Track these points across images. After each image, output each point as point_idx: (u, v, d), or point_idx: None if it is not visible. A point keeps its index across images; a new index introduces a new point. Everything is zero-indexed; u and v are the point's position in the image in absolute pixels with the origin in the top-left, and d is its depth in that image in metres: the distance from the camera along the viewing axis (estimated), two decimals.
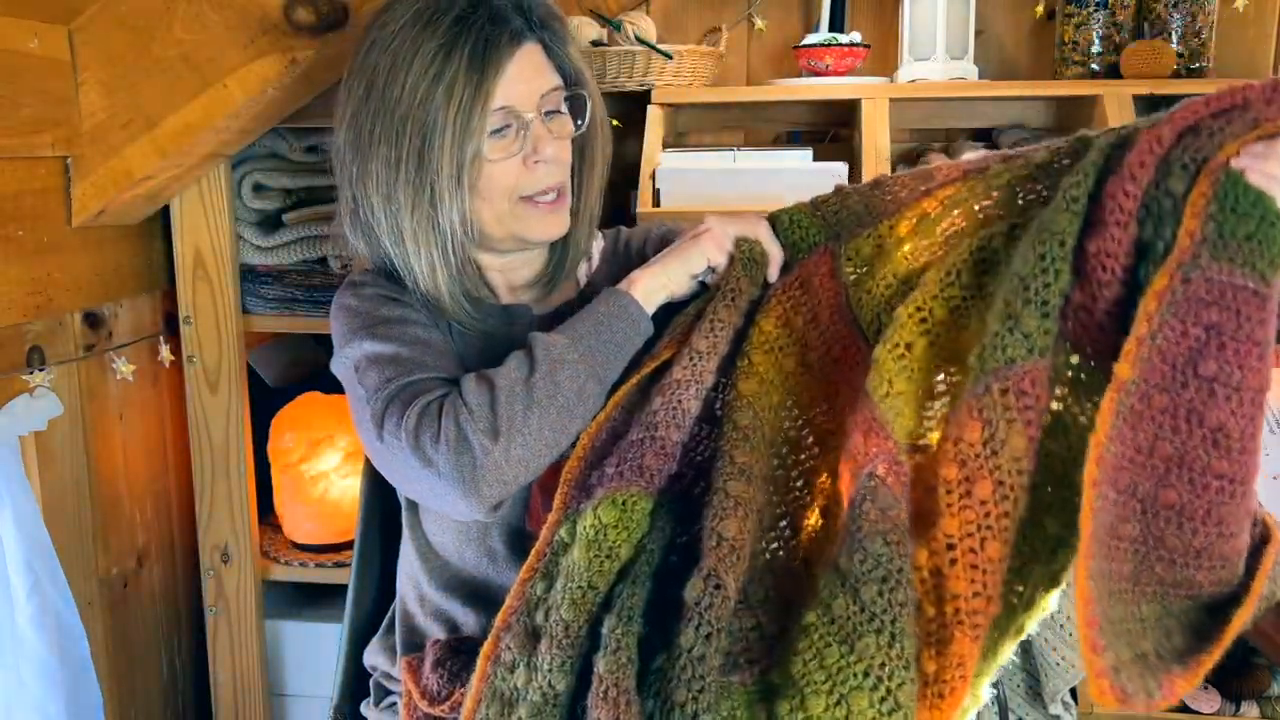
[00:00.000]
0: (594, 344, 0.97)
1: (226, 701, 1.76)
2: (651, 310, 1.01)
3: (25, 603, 1.30)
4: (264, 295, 1.67)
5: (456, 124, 0.98)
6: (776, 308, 1.00)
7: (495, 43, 0.99)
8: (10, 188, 1.31)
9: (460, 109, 0.98)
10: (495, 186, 1.03)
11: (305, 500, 1.75)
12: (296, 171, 1.63)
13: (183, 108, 1.38)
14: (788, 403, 0.96)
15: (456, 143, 0.99)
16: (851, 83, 2.09)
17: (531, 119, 1.03)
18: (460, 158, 0.99)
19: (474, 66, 0.98)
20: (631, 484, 0.88)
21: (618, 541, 0.87)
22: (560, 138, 1.06)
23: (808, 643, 0.80)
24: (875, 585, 0.78)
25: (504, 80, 1.00)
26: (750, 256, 1.02)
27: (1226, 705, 1.81)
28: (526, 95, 1.02)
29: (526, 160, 1.03)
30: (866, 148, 1.98)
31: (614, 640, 0.82)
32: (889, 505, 0.80)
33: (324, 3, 1.33)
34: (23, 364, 1.35)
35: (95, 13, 1.37)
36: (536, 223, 1.06)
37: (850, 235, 1.01)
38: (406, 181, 1.01)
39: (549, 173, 1.05)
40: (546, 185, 1.05)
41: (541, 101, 1.04)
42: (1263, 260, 0.72)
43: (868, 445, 0.84)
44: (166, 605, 1.73)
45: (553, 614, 0.86)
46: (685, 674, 0.79)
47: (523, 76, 1.02)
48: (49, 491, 1.41)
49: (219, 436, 1.68)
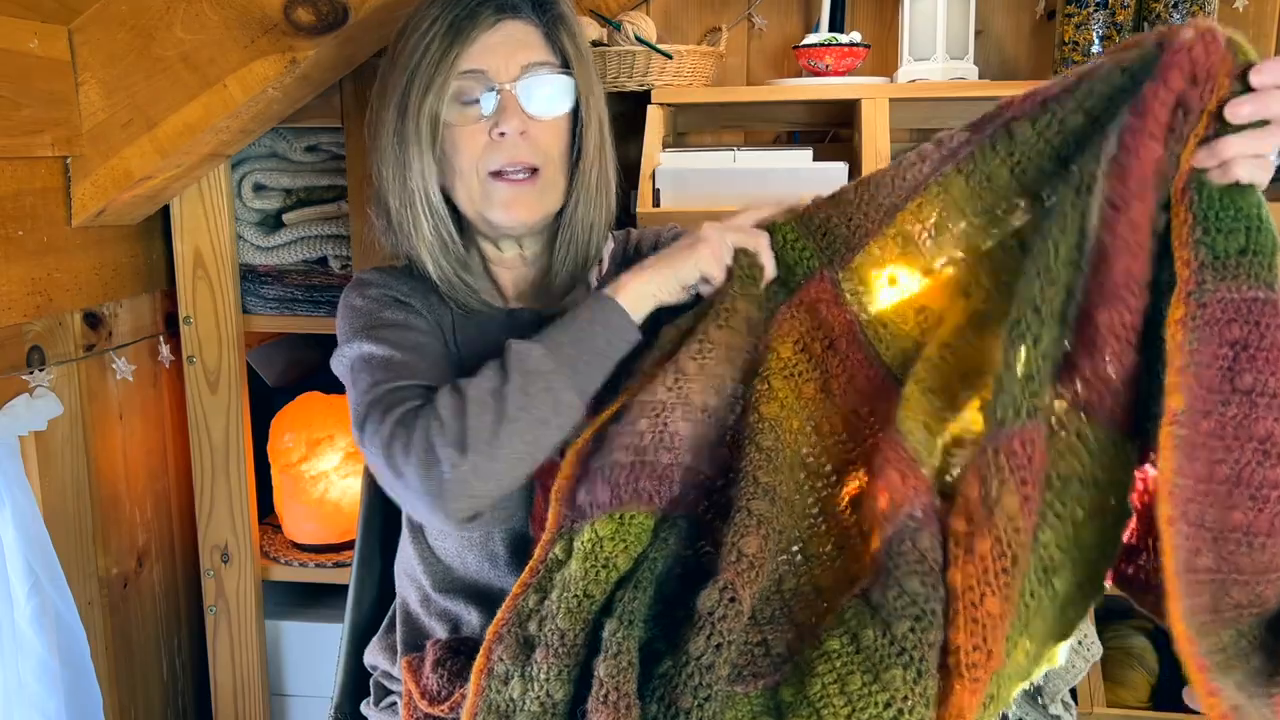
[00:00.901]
0: (573, 353, 0.92)
1: (226, 701, 1.76)
2: (639, 318, 0.96)
3: (25, 603, 1.30)
4: (264, 295, 1.67)
5: (422, 82, 1.00)
6: (791, 333, 0.96)
7: (479, 12, 1.01)
8: (10, 188, 1.31)
9: (428, 67, 1.00)
10: (462, 156, 1.03)
11: (305, 500, 1.75)
12: (296, 171, 1.63)
13: (183, 108, 1.38)
14: (807, 429, 0.94)
15: (420, 100, 1.00)
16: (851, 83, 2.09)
17: (503, 87, 1.01)
18: (420, 116, 1.00)
19: (451, 29, 1.00)
20: (628, 505, 0.87)
21: (614, 552, 0.85)
22: (537, 117, 1.04)
23: (829, 667, 0.80)
24: (909, 621, 0.77)
25: (479, 45, 1.01)
26: (748, 273, 0.97)
27: None
28: (504, 65, 1.02)
29: (491, 131, 1.02)
30: (866, 148, 1.98)
31: (615, 644, 0.81)
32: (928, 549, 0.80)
33: (324, 3, 1.33)
34: (23, 364, 1.35)
35: (95, 13, 1.37)
36: (500, 199, 1.03)
37: (843, 260, 0.97)
38: (391, 145, 1.03)
39: (514, 147, 1.02)
40: (512, 160, 1.02)
41: (522, 73, 1.02)
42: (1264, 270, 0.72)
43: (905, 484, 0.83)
44: (166, 605, 1.73)
45: (547, 624, 0.85)
46: (692, 680, 0.79)
47: (503, 46, 1.02)
48: (49, 491, 1.41)
49: (219, 436, 1.68)
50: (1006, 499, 0.76)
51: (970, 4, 2.08)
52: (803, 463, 0.93)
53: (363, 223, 1.61)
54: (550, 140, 1.05)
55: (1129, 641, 1.90)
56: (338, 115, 1.58)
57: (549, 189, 1.06)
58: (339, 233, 1.63)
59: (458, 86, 1.01)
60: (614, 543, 0.85)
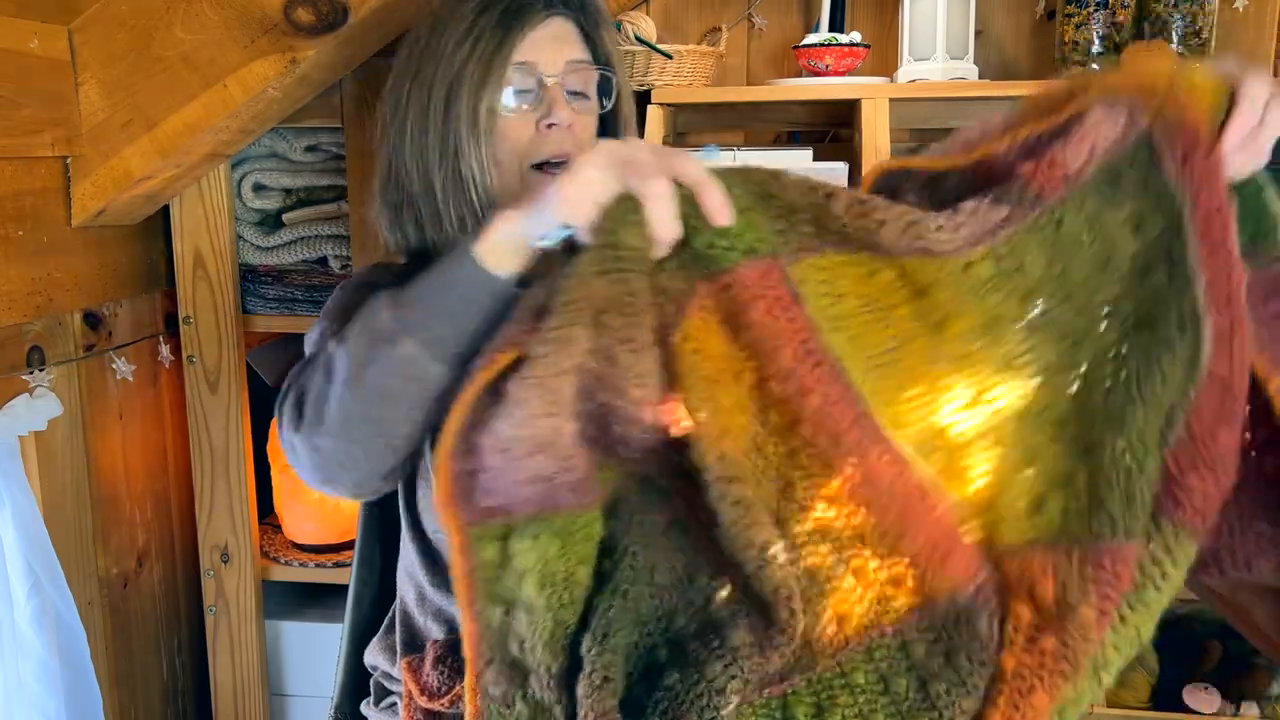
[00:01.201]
0: (426, 313, 0.81)
1: (226, 701, 1.76)
2: (506, 267, 0.80)
3: (25, 603, 1.30)
4: (264, 295, 1.67)
5: (477, 73, 1.01)
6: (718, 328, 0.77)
7: (528, 8, 1.03)
8: (10, 188, 1.31)
9: (482, 58, 1.01)
10: (507, 146, 1.03)
11: (305, 500, 1.75)
12: (296, 171, 1.63)
13: (183, 108, 1.38)
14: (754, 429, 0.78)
15: (475, 90, 1.01)
16: (851, 83, 2.09)
17: (552, 81, 1.03)
18: (477, 105, 1.01)
19: (501, 23, 1.02)
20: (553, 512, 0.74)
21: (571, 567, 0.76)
22: (582, 113, 1.06)
23: (851, 700, 0.78)
24: (945, 684, 0.76)
25: (529, 39, 1.02)
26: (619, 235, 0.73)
27: (1226, 705, 1.81)
28: (551, 59, 1.04)
29: (539, 124, 1.03)
30: (866, 148, 1.98)
31: (589, 662, 0.75)
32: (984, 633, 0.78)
33: (324, 3, 1.33)
34: (23, 364, 1.35)
35: (95, 13, 1.37)
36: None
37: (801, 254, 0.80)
38: (435, 133, 1.03)
39: (561, 139, 1.04)
40: (558, 151, 1.04)
41: (567, 68, 1.04)
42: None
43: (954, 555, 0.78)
44: (166, 605, 1.73)
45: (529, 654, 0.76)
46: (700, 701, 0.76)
47: (550, 41, 1.04)
48: (49, 491, 1.41)
49: (219, 436, 1.68)
50: (1084, 610, 0.75)
51: (970, 4, 2.08)
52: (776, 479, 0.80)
53: (363, 223, 1.61)
54: (588, 135, 1.07)
55: None
56: (338, 115, 1.58)
57: None
58: (339, 233, 1.63)
59: (509, 77, 1.03)
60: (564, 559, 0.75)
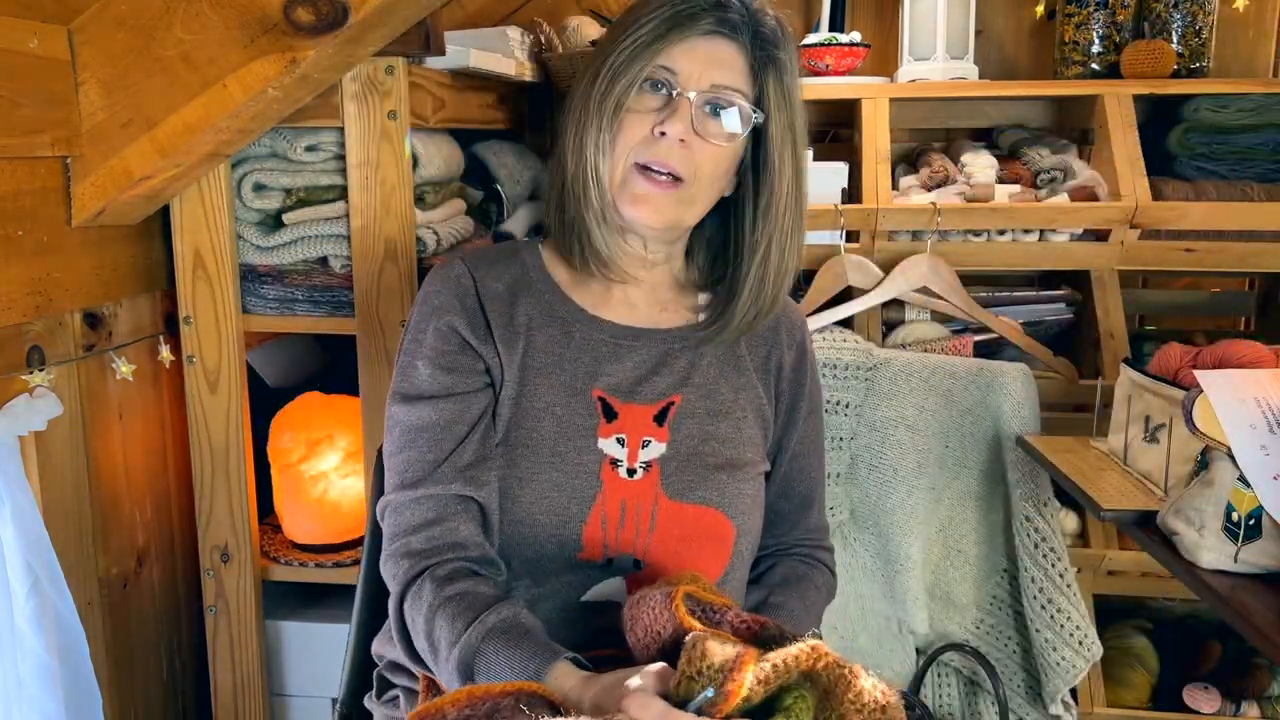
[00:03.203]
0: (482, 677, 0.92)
1: (226, 701, 1.76)
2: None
3: (25, 603, 1.30)
4: (264, 295, 1.67)
5: (624, 61, 1.03)
6: None
7: (698, 17, 1.03)
8: (10, 188, 1.31)
9: (635, 48, 1.03)
10: (623, 139, 1.05)
11: (305, 500, 1.75)
12: (296, 171, 1.63)
13: (183, 108, 1.38)
14: None
15: (614, 80, 1.03)
16: (851, 83, 2.09)
17: (685, 93, 1.03)
18: (608, 94, 1.03)
19: (665, 24, 1.03)
20: None
21: None
22: (704, 136, 1.04)
23: None
24: None
25: (683, 47, 1.03)
26: None
27: (1226, 705, 1.81)
28: (695, 74, 1.03)
29: (654, 128, 1.04)
30: (866, 147, 1.98)
31: None
32: None
33: (324, 3, 1.33)
34: (23, 364, 1.35)
35: (95, 13, 1.37)
36: (636, 194, 1.05)
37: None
38: (584, 113, 1.05)
39: (669, 150, 1.04)
40: (662, 160, 1.04)
41: (710, 90, 1.04)
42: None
43: None
44: (166, 605, 1.73)
45: None
46: None
47: (703, 57, 1.04)
48: (49, 491, 1.41)
49: (219, 436, 1.68)
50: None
51: (970, 4, 2.08)
52: None
53: (363, 222, 1.61)
54: (708, 160, 1.06)
55: (1129, 641, 1.90)
56: (338, 115, 1.58)
57: (688, 203, 1.07)
58: (339, 233, 1.63)
59: (649, 74, 1.04)
60: None
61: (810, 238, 1.93)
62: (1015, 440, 1.67)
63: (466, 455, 1.06)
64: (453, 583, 1.00)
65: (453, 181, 1.83)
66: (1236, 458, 1.13)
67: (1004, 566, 1.77)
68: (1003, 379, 1.71)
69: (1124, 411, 1.48)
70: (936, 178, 2.01)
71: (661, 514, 1.07)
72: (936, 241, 1.92)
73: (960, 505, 1.76)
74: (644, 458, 1.08)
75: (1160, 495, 1.33)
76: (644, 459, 1.08)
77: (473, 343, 1.09)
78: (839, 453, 1.77)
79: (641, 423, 1.09)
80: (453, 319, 1.09)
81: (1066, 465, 1.48)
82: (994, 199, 1.93)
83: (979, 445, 1.73)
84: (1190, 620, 2.00)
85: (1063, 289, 2.07)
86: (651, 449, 1.08)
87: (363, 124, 1.58)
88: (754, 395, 1.17)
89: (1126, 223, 1.88)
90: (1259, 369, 1.27)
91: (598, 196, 1.06)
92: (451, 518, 1.04)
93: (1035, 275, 2.19)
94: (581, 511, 1.05)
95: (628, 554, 1.07)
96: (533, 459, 1.06)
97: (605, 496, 1.06)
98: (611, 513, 1.06)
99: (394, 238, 1.60)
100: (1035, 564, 1.68)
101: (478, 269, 1.13)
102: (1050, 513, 1.69)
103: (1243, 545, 1.12)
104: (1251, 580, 1.12)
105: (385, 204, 1.59)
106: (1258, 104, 1.92)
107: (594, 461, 1.07)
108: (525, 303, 1.12)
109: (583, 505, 1.05)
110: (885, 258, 1.92)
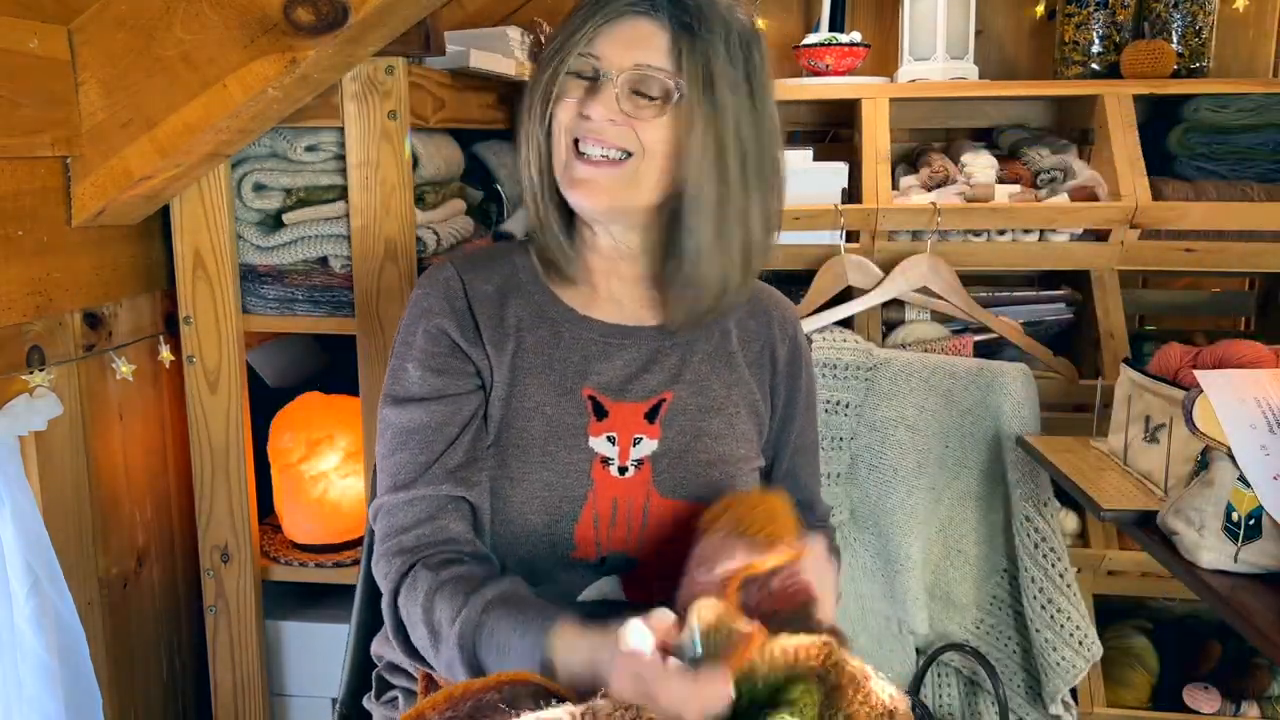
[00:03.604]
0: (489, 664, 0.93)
1: (226, 701, 1.76)
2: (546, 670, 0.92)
3: (25, 603, 1.30)
4: (264, 295, 1.67)
5: (553, 51, 1.05)
6: None
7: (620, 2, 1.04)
8: (10, 188, 1.31)
9: (562, 41, 1.05)
10: (556, 125, 1.06)
11: (305, 500, 1.75)
12: (296, 171, 1.63)
13: (183, 108, 1.38)
14: None
15: (547, 72, 1.05)
16: (851, 82, 2.09)
17: (607, 76, 1.03)
18: (536, 89, 1.06)
19: (586, 12, 1.04)
20: None
21: None
22: (635, 115, 1.03)
23: None
24: None
25: (605, 32, 1.03)
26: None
27: (1226, 705, 1.81)
28: (618, 57, 1.03)
29: (579, 111, 1.04)
30: (866, 147, 1.98)
31: None
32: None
33: (324, 3, 1.33)
34: (23, 364, 1.35)
35: (95, 13, 1.37)
36: (576, 178, 1.05)
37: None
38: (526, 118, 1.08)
39: (600, 130, 1.03)
40: (596, 135, 1.03)
41: (636, 71, 1.02)
42: None
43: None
44: (166, 605, 1.73)
45: None
46: None
47: (624, 39, 1.03)
48: (49, 491, 1.41)
49: (219, 436, 1.68)
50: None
51: (970, 4, 2.08)
52: None
53: (363, 222, 1.61)
54: (653, 135, 1.03)
55: (1129, 641, 1.90)
56: (338, 115, 1.58)
57: (634, 183, 1.04)
58: (339, 233, 1.63)
59: (576, 67, 1.04)
60: None
61: (810, 238, 1.93)
62: (1015, 440, 1.67)
63: (457, 456, 1.06)
64: (447, 568, 1.01)
65: (453, 181, 1.83)
66: (1236, 458, 1.13)
67: (1004, 566, 1.78)
68: (1003, 379, 1.71)
69: (1124, 411, 1.48)
70: (936, 178, 2.01)
71: (654, 511, 1.07)
72: (936, 241, 1.92)
73: (960, 505, 1.76)
74: (635, 455, 1.08)
75: (1160, 495, 1.33)
76: (635, 457, 1.08)
77: (462, 345, 1.09)
78: (839, 453, 1.77)
79: (632, 420, 1.09)
80: (442, 321, 1.09)
81: (1066, 465, 1.48)
82: (994, 199, 1.93)
83: (979, 445, 1.73)
84: (1190, 620, 2.00)
85: (1063, 289, 2.07)
86: (643, 446, 1.08)
87: (363, 124, 1.58)
88: (747, 390, 1.16)
89: (1126, 223, 1.88)
90: (1259, 369, 1.27)
91: (546, 188, 1.08)
92: (443, 516, 1.04)
93: (1035, 275, 2.19)
94: (573, 510, 1.05)
95: (621, 552, 1.07)
96: (523, 459, 1.06)
97: (597, 495, 1.06)
98: (603, 511, 1.06)
99: (394, 238, 1.60)
100: (1035, 564, 1.68)
101: (467, 271, 1.13)
102: (1050, 513, 1.69)
103: (1243, 545, 1.12)
104: (1251, 580, 1.12)
105: (385, 204, 1.59)
106: (1258, 104, 1.92)
107: (585, 460, 1.07)
108: (515, 304, 1.11)
109: (574, 504, 1.05)
110: (885, 258, 1.92)
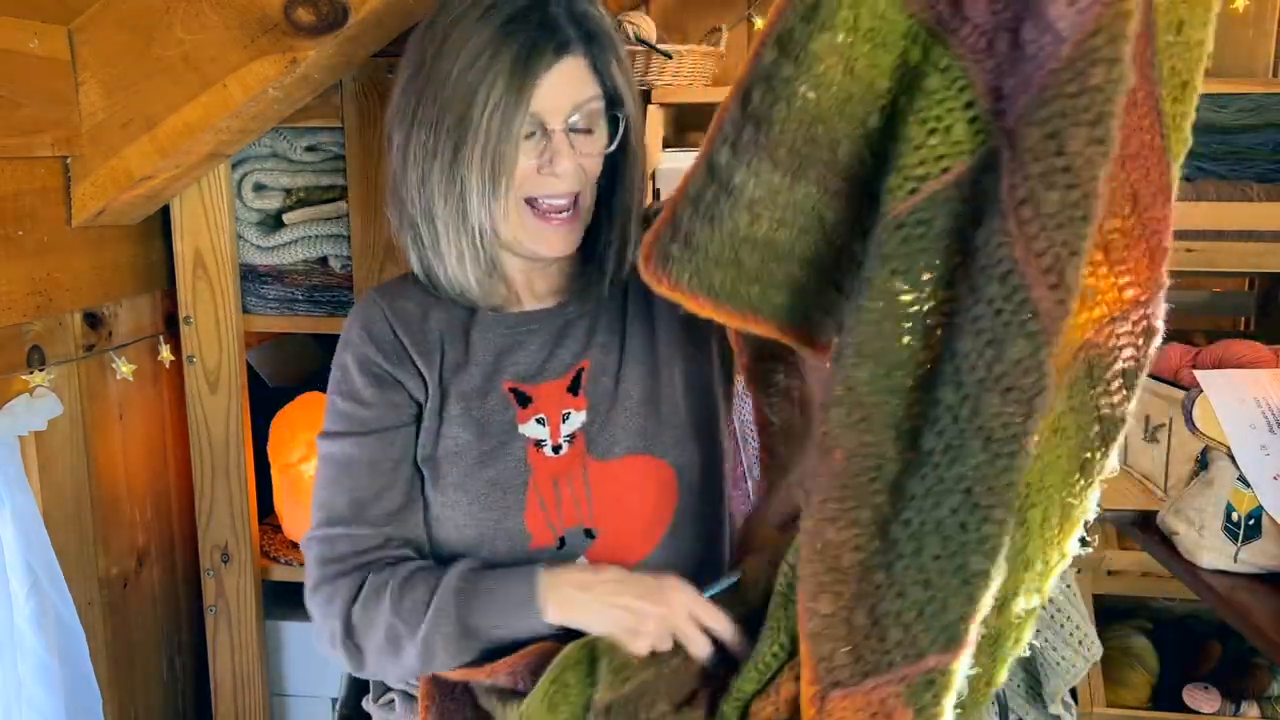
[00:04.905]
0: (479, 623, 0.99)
1: (226, 701, 1.76)
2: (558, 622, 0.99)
3: (24, 603, 1.30)
4: (264, 295, 1.67)
5: (492, 126, 0.99)
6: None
7: (541, 50, 0.99)
8: (10, 188, 1.31)
9: (497, 111, 0.98)
10: (507, 182, 1.03)
11: (305, 500, 1.75)
12: (296, 171, 1.63)
13: (183, 108, 1.38)
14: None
15: (491, 144, 0.99)
16: None
17: (554, 130, 1.02)
18: (493, 158, 1.00)
19: (516, 73, 0.98)
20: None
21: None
22: (585, 154, 1.04)
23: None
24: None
25: (541, 89, 1.00)
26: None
27: (1226, 705, 1.81)
28: (556, 107, 1.01)
29: (542, 169, 1.02)
30: None
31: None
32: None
33: (324, 3, 1.33)
34: (23, 364, 1.35)
35: (95, 13, 1.37)
36: (543, 236, 1.05)
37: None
38: (440, 171, 1.02)
39: (560, 184, 1.03)
40: (555, 191, 1.03)
41: (573, 111, 1.02)
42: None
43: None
44: (166, 605, 1.73)
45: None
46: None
47: (559, 88, 1.01)
48: (49, 491, 1.41)
49: (219, 436, 1.68)
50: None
51: None
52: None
53: (362, 222, 1.61)
54: (593, 168, 1.06)
55: (1129, 641, 1.90)
56: (338, 115, 1.58)
57: (585, 214, 1.07)
58: (339, 233, 1.63)
59: (526, 130, 1.01)
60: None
61: None
62: None
63: (395, 500, 1.07)
64: (405, 563, 1.05)
65: None
66: (1236, 458, 1.13)
67: None
68: None
69: None
70: None
71: (594, 477, 1.07)
72: None
73: None
74: (566, 431, 1.08)
75: (1160, 495, 1.33)
76: (566, 432, 1.08)
77: (388, 369, 1.08)
78: None
79: (556, 397, 1.09)
80: (364, 350, 1.09)
81: None
82: None
83: None
84: (1190, 620, 2.00)
85: None
86: (572, 420, 1.08)
87: (363, 124, 1.58)
88: (666, 322, 1.13)
89: None
90: (1259, 369, 1.27)
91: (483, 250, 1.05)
92: (387, 547, 1.07)
93: None
94: (518, 501, 1.05)
95: (575, 526, 1.07)
96: (461, 464, 1.06)
97: (537, 480, 1.06)
98: (547, 493, 1.06)
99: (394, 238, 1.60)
100: None
101: (386, 295, 1.12)
102: None
103: (1243, 545, 1.12)
104: (1251, 580, 1.12)
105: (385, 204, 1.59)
106: (1257, 104, 1.92)
107: (519, 448, 1.07)
108: (435, 316, 1.11)
109: (516, 494, 1.05)
110: None
